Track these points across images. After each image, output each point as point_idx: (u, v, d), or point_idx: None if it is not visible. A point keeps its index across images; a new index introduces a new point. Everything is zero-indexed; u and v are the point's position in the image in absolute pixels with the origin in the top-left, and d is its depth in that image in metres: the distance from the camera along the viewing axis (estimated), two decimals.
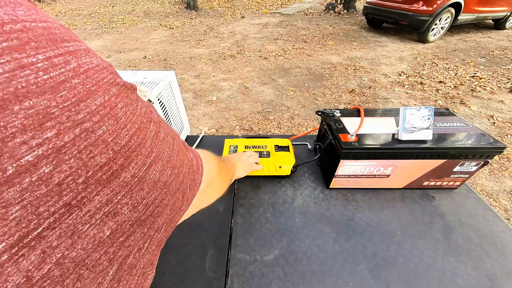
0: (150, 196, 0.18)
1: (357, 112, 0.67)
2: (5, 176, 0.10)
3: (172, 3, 8.02)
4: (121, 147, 0.15)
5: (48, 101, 0.12)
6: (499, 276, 0.47)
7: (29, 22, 0.12)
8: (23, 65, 0.11)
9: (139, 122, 0.17)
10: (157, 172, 0.18)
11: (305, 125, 2.19)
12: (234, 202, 0.63)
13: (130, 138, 0.16)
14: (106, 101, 0.14)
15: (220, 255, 0.51)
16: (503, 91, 2.59)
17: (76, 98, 0.13)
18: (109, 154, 0.14)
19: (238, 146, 0.71)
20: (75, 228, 0.13)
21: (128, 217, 0.16)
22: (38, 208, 0.12)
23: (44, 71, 0.12)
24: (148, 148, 0.17)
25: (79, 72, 0.13)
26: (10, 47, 0.11)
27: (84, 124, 0.13)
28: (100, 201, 0.14)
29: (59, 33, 0.13)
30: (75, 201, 0.13)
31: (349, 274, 0.48)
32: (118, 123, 0.15)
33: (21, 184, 0.11)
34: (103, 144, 0.14)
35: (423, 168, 0.59)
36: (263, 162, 0.65)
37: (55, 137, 0.12)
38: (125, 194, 0.16)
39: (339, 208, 0.61)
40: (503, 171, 1.66)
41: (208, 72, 3.23)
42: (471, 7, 3.98)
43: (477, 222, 0.57)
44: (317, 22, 5.57)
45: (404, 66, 3.29)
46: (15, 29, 0.11)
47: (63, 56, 0.13)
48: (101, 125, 0.14)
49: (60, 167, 0.12)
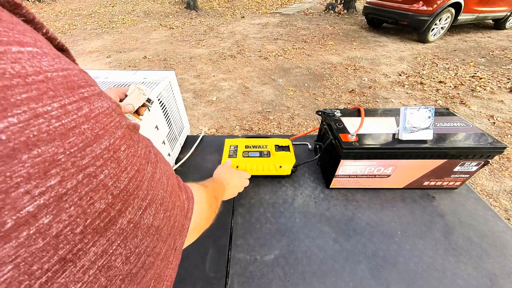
0: (143, 244, 0.17)
1: (358, 112, 0.67)
2: (3, 230, 0.10)
3: (172, 3, 8.02)
4: (120, 191, 0.15)
5: (56, 148, 0.12)
6: (499, 276, 0.47)
7: (51, 72, 0.13)
8: (38, 114, 0.11)
9: (138, 164, 0.17)
10: (150, 216, 0.18)
11: (305, 125, 2.19)
12: (234, 202, 0.63)
13: (129, 181, 0.16)
14: (111, 144, 0.15)
15: (220, 255, 0.51)
16: (503, 91, 2.59)
17: (83, 143, 0.13)
18: (108, 199, 0.14)
19: (238, 146, 0.71)
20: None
21: (120, 271, 0.15)
22: (32, 266, 0.11)
23: (57, 119, 0.12)
24: (144, 191, 0.17)
25: (90, 117, 0.14)
26: (29, 97, 0.11)
27: (87, 169, 0.13)
28: (95, 253, 0.14)
29: (76, 80, 0.14)
30: (70, 255, 0.12)
31: (349, 274, 0.48)
32: (119, 166, 0.15)
33: (18, 238, 0.11)
34: (104, 189, 0.14)
35: (424, 168, 0.59)
36: (263, 162, 0.65)
37: (58, 184, 0.12)
38: (120, 243, 0.15)
39: (339, 208, 0.61)
40: (503, 171, 1.66)
41: (208, 72, 3.23)
42: (471, 7, 3.97)
43: (477, 222, 0.57)
44: (317, 22, 5.57)
45: (404, 66, 3.29)
46: (36, 80, 0.12)
47: (77, 103, 0.13)
48: (104, 169, 0.14)
49: (59, 217, 0.12)
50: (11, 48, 0.12)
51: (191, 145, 0.82)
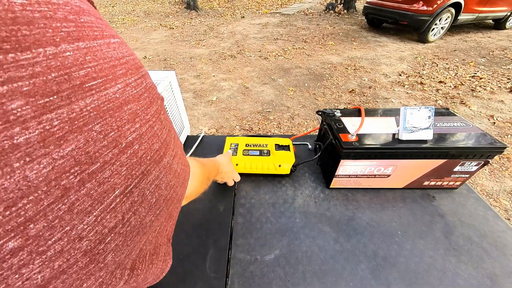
0: (172, 181, 0.21)
1: (358, 112, 0.67)
2: (122, 147, 0.15)
3: (172, 3, 8.02)
4: (163, 140, 0.19)
5: (136, 106, 0.16)
6: (499, 276, 0.47)
7: (128, 56, 0.17)
8: (127, 84, 0.16)
9: (169, 125, 0.22)
10: (175, 164, 0.22)
11: (305, 125, 2.19)
12: (234, 202, 0.63)
13: (167, 135, 0.20)
14: (158, 107, 0.19)
15: (220, 255, 0.51)
16: (503, 91, 2.59)
17: (146, 105, 0.17)
18: (159, 144, 0.18)
19: (239, 144, 0.71)
20: (144, 192, 0.17)
21: (164, 193, 0.20)
22: (132, 170, 0.16)
23: (134, 87, 0.16)
24: (172, 145, 0.22)
25: (147, 88, 0.18)
26: (122, 73, 0.15)
27: (149, 122, 0.17)
28: (154, 175, 0.18)
29: (138, 62, 0.18)
30: (146, 171, 0.17)
31: (349, 274, 0.48)
32: (162, 124, 0.20)
33: (127, 153, 0.15)
34: (157, 137, 0.18)
35: (424, 168, 0.59)
36: (263, 161, 0.65)
37: (139, 128, 0.16)
38: (165, 174, 0.19)
39: (339, 208, 0.61)
40: (503, 171, 1.66)
41: (208, 72, 3.23)
42: (471, 7, 3.98)
43: (478, 222, 0.57)
44: (317, 22, 5.56)
45: (404, 66, 3.29)
46: (124, 62, 0.16)
47: (141, 79, 0.18)
48: (156, 123, 0.18)
49: (141, 146, 0.16)
50: (111, 40, 0.15)
51: (191, 145, 0.82)
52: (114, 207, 0.15)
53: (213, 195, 0.65)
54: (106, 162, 0.14)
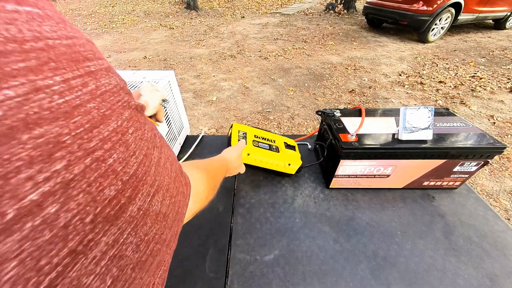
0: (152, 231, 0.16)
1: (357, 112, 0.67)
2: (3, 222, 0.09)
3: (172, 3, 8.02)
4: (129, 177, 0.14)
5: (61, 128, 0.10)
6: (499, 276, 0.47)
7: (53, 40, 0.11)
8: (38, 88, 0.10)
9: (146, 148, 0.16)
10: (158, 203, 0.17)
11: (305, 125, 2.19)
12: (234, 202, 0.63)
13: (138, 166, 0.15)
14: (118, 126, 0.13)
15: (220, 255, 0.51)
16: (503, 91, 2.59)
17: (90, 124, 0.12)
18: (118, 186, 0.13)
19: (247, 133, 0.66)
20: (79, 282, 0.11)
21: (131, 260, 0.15)
22: (39, 261, 0.10)
23: (60, 95, 0.11)
24: (152, 177, 0.16)
25: (96, 95, 0.12)
26: (27, 68, 0.10)
27: (95, 152, 0.12)
28: (106, 243, 0.13)
29: (83, 51, 0.13)
30: (81, 247, 0.11)
31: (349, 274, 0.48)
32: (128, 150, 0.14)
33: (22, 231, 0.09)
34: (113, 175, 0.13)
35: (423, 168, 0.59)
36: (274, 156, 0.63)
37: (64, 169, 0.11)
38: (130, 231, 0.14)
39: (339, 208, 0.60)
40: (503, 171, 1.66)
41: (208, 72, 3.23)
42: (471, 7, 3.97)
43: (478, 222, 0.57)
44: (317, 22, 5.56)
45: (404, 66, 3.29)
46: (36, 47, 0.10)
47: (82, 78, 0.12)
48: (112, 153, 0.13)
49: (67, 205, 0.11)
50: (5, 5, 0.10)
51: (190, 145, 0.82)
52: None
53: None
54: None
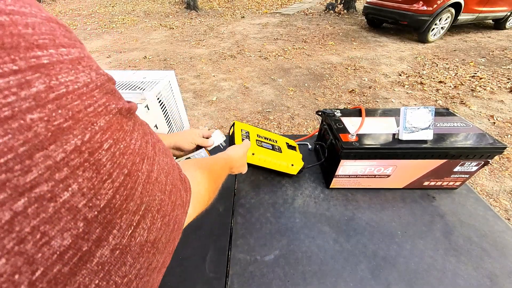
0: (135, 268, 0.13)
1: (358, 112, 0.67)
2: None
3: (172, 3, 8.02)
4: (99, 211, 0.10)
5: None
6: (499, 276, 0.47)
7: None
8: None
9: (130, 164, 0.12)
10: (144, 231, 0.13)
11: (305, 125, 2.19)
12: (234, 202, 0.63)
13: (114, 193, 0.11)
14: (84, 142, 0.10)
15: (220, 255, 0.51)
16: (503, 91, 2.59)
17: (27, 146, 0.08)
18: (78, 229, 0.09)
19: (250, 133, 0.65)
20: None
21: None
22: None
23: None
24: (137, 200, 0.13)
25: (45, 100, 0.08)
26: None
27: (36, 190, 0.08)
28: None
29: (29, 34, 0.08)
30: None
31: (349, 274, 0.48)
32: (99, 174, 0.10)
33: None
34: (69, 216, 0.09)
35: (424, 168, 0.59)
36: (277, 156, 0.63)
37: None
38: (99, 282, 0.11)
39: (339, 208, 0.60)
40: (503, 171, 1.66)
41: (208, 72, 3.23)
42: (471, 7, 3.97)
43: (478, 222, 0.57)
44: (317, 22, 5.56)
45: (404, 66, 3.29)
46: None
47: (21, 74, 0.08)
48: (69, 185, 0.09)
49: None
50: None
51: None
52: None
53: None
54: None
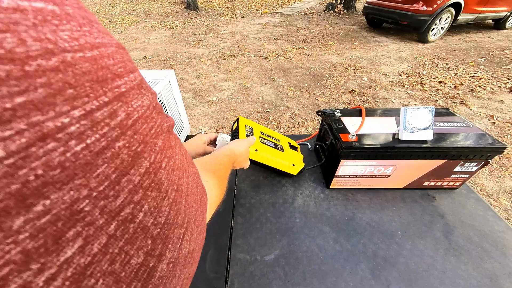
0: (181, 279, 0.13)
1: (358, 112, 0.67)
2: None
3: (172, 3, 8.02)
4: (160, 228, 0.10)
5: (77, 192, 0.07)
6: (499, 276, 0.47)
7: (73, 52, 0.07)
8: (45, 135, 0.06)
9: (177, 179, 0.12)
10: (187, 243, 0.13)
11: (305, 125, 2.19)
12: (234, 202, 0.63)
13: (169, 210, 0.11)
14: (151, 164, 0.10)
15: (220, 255, 0.51)
16: (503, 91, 2.59)
17: (117, 172, 0.08)
18: (148, 246, 0.10)
19: (253, 129, 0.65)
20: None
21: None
22: None
23: (78, 139, 0.07)
24: (182, 214, 0.13)
25: (126, 127, 0.09)
26: (29, 103, 0.06)
27: (122, 212, 0.08)
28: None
29: (111, 65, 0.09)
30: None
31: (349, 274, 0.48)
32: (160, 193, 0.10)
33: None
34: (142, 234, 0.09)
35: (424, 168, 0.59)
36: (279, 155, 0.63)
37: (78, 253, 0.07)
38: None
39: (339, 208, 0.60)
40: (503, 171, 1.66)
41: (208, 72, 3.23)
42: (471, 7, 3.98)
43: (478, 222, 0.57)
44: (317, 22, 5.56)
45: (404, 66, 3.29)
46: (46, 67, 0.07)
47: (110, 105, 0.08)
48: (143, 205, 0.09)
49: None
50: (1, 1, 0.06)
51: None
52: None
53: None
54: None
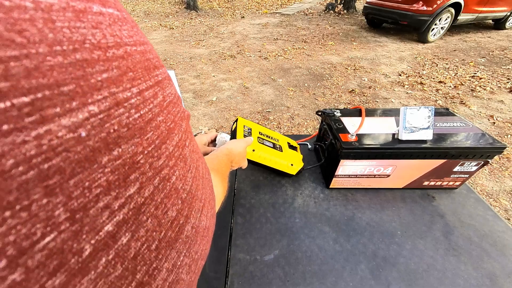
0: (200, 249, 0.15)
1: (358, 112, 0.67)
2: (81, 261, 0.08)
3: (172, 3, 8.02)
4: (187, 194, 0.13)
5: (136, 147, 0.10)
6: (499, 276, 0.47)
7: (131, 46, 0.10)
8: (119, 102, 0.09)
9: (195, 160, 0.15)
10: (205, 217, 0.16)
11: (305, 125, 2.19)
12: (234, 202, 0.63)
13: (192, 181, 0.14)
14: (179, 140, 0.13)
15: (220, 255, 0.51)
16: (503, 91, 2.59)
17: (159, 139, 0.11)
18: (178, 205, 0.12)
19: (252, 129, 0.65)
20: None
21: (184, 282, 0.13)
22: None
23: (136, 109, 0.10)
24: (201, 190, 0.15)
25: (163, 106, 0.11)
26: (110, 78, 0.09)
27: (163, 171, 0.11)
28: (167, 269, 0.12)
29: (152, 58, 0.12)
30: (146, 277, 0.10)
31: (349, 274, 0.48)
32: (186, 165, 0.13)
33: (96, 268, 0.09)
34: (175, 193, 0.12)
35: (423, 168, 0.59)
36: (277, 155, 0.63)
37: (137, 193, 0.10)
38: (186, 252, 0.13)
39: (339, 208, 0.60)
40: (503, 171, 1.66)
41: (208, 72, 3.23)
42: (471, 7, 3.98)
43: (477, 222, 0.57)
44: (317, 22, 5.57)
45: (404, 66, 3.29)
46: (117, 55, 0.09)
47: (153, 88, 0.11)
48: (175, 170, 0.12)
49: (137, 233, 0.10)
50: (92, 6, 0.09)
51: None
52: None
53: None
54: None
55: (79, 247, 0.08)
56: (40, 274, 0.07)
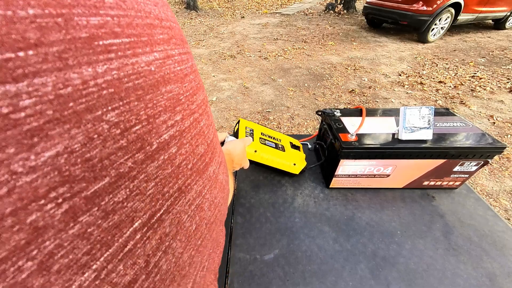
0: (218, 196, 0.18)
1: (358, 112, 0.67)
2: (151, 150, 0.11)
3: (172, 3, 8.02)
4: (210, 141, 0.16)
5: (179, 88, 0.13)
6: (499, 276, 0.47)
7: (172, 22, 0.14)
8: (169, 56, 0.13)
9: (213, 126, 0.19)
10: (223, 174, 0.19)
11: (305, 125, 2.19)
12: (234, 201, 0.63)
13: (213, 136, 0.17)
14: (203, 99, 0.16)
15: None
16: (503, 91, 2.59)
17: (192, 90, 0.14)
18: (205, 146, 0.15)
19: (254, 130, 0.65)
20: (180, 217, 0.14)
21: (206, 215, 0.16)
22: (164, 187, 0.12)
23: (178, 63, 0.13)
24: (218, 149, 0.18)
25: (193, 70, 0.15)
26: (163, 39, 0.12)
27: (195, 114, 0.14)
28: (196, 191, 0.15)
29: (183, 35, 0.15)
30: (183, 187, 0.14)
31: (349, 273, 0.48)
32: (209, 119, 0.17)
33: (158, 160, 0.12)
34: (203, 136, 0.15)
35: (423, 168, 0.59)
36: (280, 155, 0.63)
37: (180, 121, 0.13)
38: (208, 188, 0.16)
39: (339, 208, 0.61)
40: (503, 171, 1.66)
41: (208, 72, 3.23)
42: (471, 7, 3.98)
43: (477, 222, 0.57)
44: (317, 22, 5.57)
45: (404, 66, 3.29)
46: (167, 25, 0.13)
47: (186, 55, 0.14)
48: (203, 118, 0.15)
49: (180, 150, 0.13)
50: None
51: None
52: (132, 249, 0.11)
53: None
54: (122, 176, 0.10)
55: (151, 141, 0.11)
56: (133, 152, 0.11)
